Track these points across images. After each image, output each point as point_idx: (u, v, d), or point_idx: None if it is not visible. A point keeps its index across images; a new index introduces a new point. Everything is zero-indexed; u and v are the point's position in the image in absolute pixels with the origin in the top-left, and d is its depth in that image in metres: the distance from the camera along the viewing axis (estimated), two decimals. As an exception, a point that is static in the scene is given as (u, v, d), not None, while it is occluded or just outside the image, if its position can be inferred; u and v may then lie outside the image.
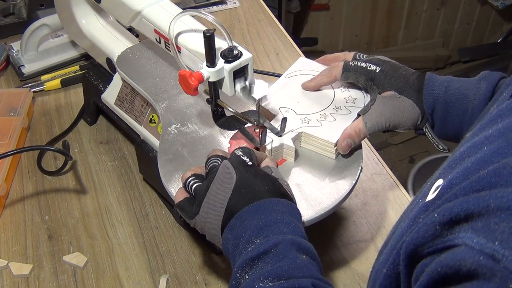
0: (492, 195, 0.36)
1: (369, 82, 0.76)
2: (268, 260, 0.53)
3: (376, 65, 0.75)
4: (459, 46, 2.97)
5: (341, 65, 0.77)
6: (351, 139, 0.71)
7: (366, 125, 0.71)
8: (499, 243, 0.33)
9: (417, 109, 0.72)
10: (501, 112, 0.46)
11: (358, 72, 0.76)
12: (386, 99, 0.73)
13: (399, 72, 0.74)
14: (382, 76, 0.74)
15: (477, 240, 0.34)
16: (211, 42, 0.63)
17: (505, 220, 0.34)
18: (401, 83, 0.73)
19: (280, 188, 0.61)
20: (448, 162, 0.48)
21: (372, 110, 0.72)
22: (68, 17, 0.96)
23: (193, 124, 0.80)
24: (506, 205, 0.34)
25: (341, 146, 0.72)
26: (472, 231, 0.35)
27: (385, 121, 0.72)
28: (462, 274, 0.35)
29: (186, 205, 0.63)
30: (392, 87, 0.73)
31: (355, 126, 0.72)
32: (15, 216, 0.88)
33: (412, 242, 0.41)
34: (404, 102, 0.72)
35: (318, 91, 0.81)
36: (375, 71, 0.75)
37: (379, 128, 0.72)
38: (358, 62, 0.76)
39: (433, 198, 0.44)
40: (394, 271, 0.44)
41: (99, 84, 0.97)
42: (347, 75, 0.77)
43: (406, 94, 0.73)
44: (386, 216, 0.88)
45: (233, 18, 1.33)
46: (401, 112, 0.72)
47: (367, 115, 0.72)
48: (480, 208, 0.36)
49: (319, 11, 2.68)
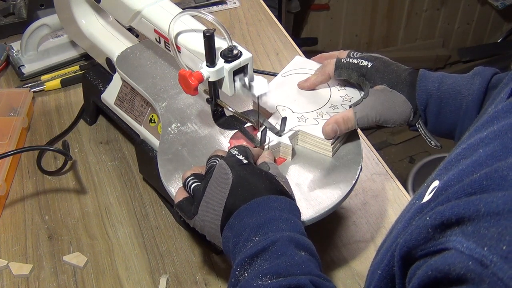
0: (482, 200, 0.36)
1: (362, 78, 0.75)
2: (266, 257, 0.53)
3: (368, 61, 0.75)
4: (459, 46, 2.97)
5: (333, 62, 0.77)
6: (336, 125, 0.71)
7: (356, 115, 0.71)
8: (488, 249, 0.33)
9: (409, 105, 0.72)
10: (497, 114, 0.46)
11: (350, 68, 0.76)
12: (378, 93, 0.73)
13: (391, 68, 0.74)
14: (373, 71, 0.74)
15: (467, 245, 0.35)
16: (211, 42, 0.63)
17: (494, 225, 0.34)
18: (393, 78, 0.73)
19: (278, 185, 0.61)
20: (444, 163, 0.48)
21: (364, 103, 0.72)
22: (68, 17, 0.96)
23: (193, 124, 0.80)
24: (496, 210, 0.34)
25: (324, 130, 0.71)
26: (462, 236, 0.35)
27: (376, 114, 0.71)
28: (451, 278, 0.35)
29: (185, 205, 0.63)
30: (384, 82, 0.73)
31: (344, 114, 0.71)
32: (15, 216, 0.89)
33: (406, 244, 0.41)
34: (396, 96, 0.72)
35: (315, 90, 0.81)
36: (366, 66, 0.74)
37: (369, 120, 0.71)
38: (350, 59, 0.76)
39: (428, 199, 0.44)
40: (389, 272, 0.44)
41: (99, 84, 0.97)
42: (340, 72, 0.77)
43: (398, 89, 0.72)
44: (386, 216, 0.88)
45: (233, 18, 1.33)
46: (393, 106, 0.72)
47: (358, 107, 0.72)
48: (470, 212, 0.36)
49: (319, 11, 2.68)
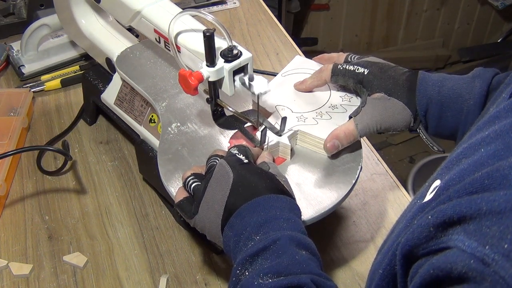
0: (484, 199, 0.36)
1: (359, 85, 0.75)
2: (267, 256, 0.53)
3: (364, 68, 0.74)
4: (459, 46, 2.97)
5: (330, 68, 0.77)
6: (338, 141, 0.70)
7: (358, 127, 0.70)
8: (490, 247, 0.33)
9: (408, 111, 0.71)
10: (498, 113, 0.46)
11: (347, 75, 0.75)
12: (376, 101, 0.72)
13: (388, 74, 0.73)
14: (370, 78, 0.73)
15: (469, 243, 0.35)
16: (210, 41, 0.63)
17: (496, 224, 0.34)
18: (391, 85, 0.72)
19: (279, 184, 0.61)
20: (446, 163, 0.48)
21: (363, 112, 0.71)
22: (68, 17, 0.96)
23: (193, 124, 0.80)
24: (498, 209, 0.34)
25: (326, 147, 0.71)
26: (464, 234, 0.35)
27: (376, 123, 0.71)
28: (453, 277, 0.35)
29: (185, 205, 0.63)
30: (381, 89, 0.73)
31: (345, 128, 0.71)
32: (15, 216, 0.88)
33: (408, 243, 0.41)
34: (395, 104, 0.71)
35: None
36: (363, 73, 0.74)
37: (371, 130, 0.71)
38: (347, 65, 0.76)
39: (430, 199, 0.44)
40: (391, 271, 0.44)
41: (99, 84, 0.97)
42: (336, 78, 0.76)
43: (396, 95, 0.72)
44: (386, 216, 0.88)
45: (233, 18, 1.33)
46: (392, 114, 0.71)
47: (358, 117, 0.71)
48: (472, 211, 0.36)
49: (319, 11, 2.68)
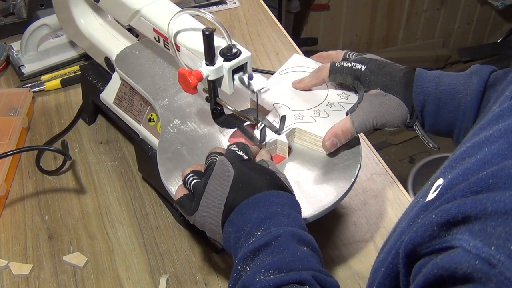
0: (489, 198, 0.35)
1: (356, 81, 0.75)
2: (268, 252, 0.53)
3: (362, 64, 0.75)
4: (459, 46, 2.97)
5: (327, 66, 0.77)
6: (336, 138, 0.71)
7: (354, 124, 0.71)
8: (495, 248, 0.33)
9: (405, 107, 0.72)
10: (502, 112, 0.46)
11: (345, 72, 0.75)
12: (372, 97, 0.73)
13: (385, 70, 0.74)
14: (368, 74, 0.74)
15: (474, 244, 0.34)
16: (210, 40, 0.63)
17: (502, 224, 0.34)
18: (388, 81, 0.73)
19: (278, 180, 0.61)
20: (449, 161, 0.48)
21: (359, 108, 0.72)
22: (67, 17, 0.96)
23: (192, 123, 0.80)
24: (504, 209, 0.34)
25: (325, 145, 0.72)
26: (469, 234, 0.35)
27: (373, 119, 0.71)
28: (457, 277, 0.35)
29: (185, 202, 0.63)
30: (378, 85, 0.73)
31: (342, 125, 0.71)
32: (15, 216, 0.88)
33: (411, 242, 0.40)
34: (391, 100, 0.72)
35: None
36: (360, 69, 0.74)
37: (367, 127, 0.72)
38: (344, 62, 0.76)
39: (433, 198, 0.43)
40: (393, 270, 0.44)
41: (98, 84, 0.97)
42: (334, 76, 0.77)
43: (392, 91, 0.72)
44: (386, 216, 0.88)
45: (233, 18, 1.33)
46: (388, 110, 0.72)
47: (354, 114, 0.71)
48: (477, 211, 0.35)
49: (319, 11, 2.68)
